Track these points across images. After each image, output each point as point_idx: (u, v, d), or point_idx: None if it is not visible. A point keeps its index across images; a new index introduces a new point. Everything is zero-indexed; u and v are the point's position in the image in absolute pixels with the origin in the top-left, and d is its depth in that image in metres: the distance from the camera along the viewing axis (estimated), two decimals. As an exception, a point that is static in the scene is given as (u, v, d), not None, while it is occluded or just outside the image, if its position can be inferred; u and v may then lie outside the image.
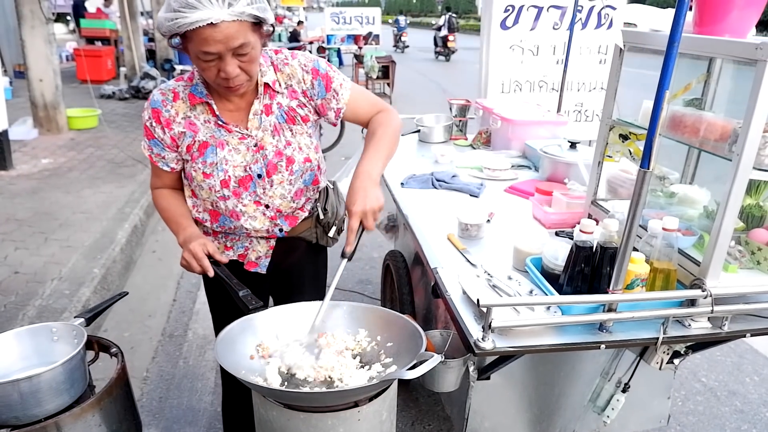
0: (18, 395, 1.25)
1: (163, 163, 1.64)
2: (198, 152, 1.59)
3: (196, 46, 1.36)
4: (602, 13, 4.40)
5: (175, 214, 1.68)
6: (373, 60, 10.84)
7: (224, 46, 1.35)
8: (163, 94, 1.59)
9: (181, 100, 1.58)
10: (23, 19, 6.28)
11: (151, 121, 1.59)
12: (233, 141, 1.59)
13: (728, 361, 3.12)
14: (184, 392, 2.78)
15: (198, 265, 1.57)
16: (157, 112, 1.58)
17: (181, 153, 1.62)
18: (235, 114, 1.60)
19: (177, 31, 1.34)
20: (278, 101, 1.60)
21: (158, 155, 1.63)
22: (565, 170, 2.50)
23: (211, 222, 1.71)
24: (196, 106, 1.58)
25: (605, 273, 1.50)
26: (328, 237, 1.84)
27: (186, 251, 1.58)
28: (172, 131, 1.58)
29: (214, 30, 1.32)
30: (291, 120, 1.62)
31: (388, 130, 1.61)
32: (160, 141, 1.60)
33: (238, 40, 1.36)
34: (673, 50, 1.25)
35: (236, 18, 1.33)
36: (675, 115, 1.70)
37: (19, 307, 3.05)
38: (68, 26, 15.67)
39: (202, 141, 1.58)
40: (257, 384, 1.24)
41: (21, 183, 5.06)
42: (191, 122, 1.58)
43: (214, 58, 1.38)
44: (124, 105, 9.07)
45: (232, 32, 1.34)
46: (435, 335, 1.95)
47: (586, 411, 2.01)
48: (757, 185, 1.68)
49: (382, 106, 1.71)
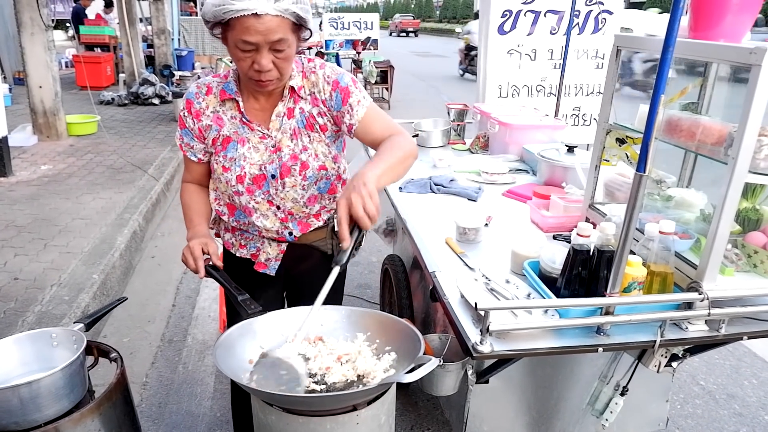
0: (18, 400, 1.25)
1: (191, 153, 1.72)
2: (221, 146, 1.66)
3: (237, 34, 1.41)
4: (599, 18, 4.43)
5: (191, 211, 1.76)
6: (371, 65, 10.87)
7: (263, 38, 1.40)
8: (198, 87, 1.68)
9: (213, 95, 1.66)
10: (23, 27, 6.30)
11: (184, 111, 1.68)
12: (254, 139, 1.64)
13: (727, 364, 3.12)
14: (183, 397, 2.77)
15: (193, 263, 1.62)
16: (189, 103, 1.67)
17: (207, 145, 1.69)
18: (259, 113, 1.65)
19: (222, 17, 1.40)
20: (301, 106, 1.64)
21: (188, 144, 1.71)
22: (563, 174, 2.51)
23: (229, 216, 1.76)
24: (225, 102, 1.65)
25: (603, 276, 1.51)
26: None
27: (187, 247, 1.65)
28: (201, 123, 1.66)
29: (257, 21, 1.38)
30: (310, 127, 1.65)
31: (396, 148, 1.52)
32: (190, 131, 1.69)
33: (278, 35, 1.41)
34: (668, 55, 1.26)
35: (280, 13, 1.39)
36: (671, 119, 1.72)
37: (18, 313, 3.05)
38: (67, 33, 15.71)
39: (225, 136, 1.65)
40: (255, 388, 1.25)
41: (20, 189, 5.06)
42: (219, 116, 1.65)
43: (251, 48, 1.43)
44: (124, 111, 9.08)
45: (273, 26, 1.40)
46: (433, 339, 1.96)
47: (585, 414, 2.01)
48: (753, 188, 1.69)
49: (397, 130, 1.62)
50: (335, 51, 14.63)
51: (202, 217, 1.76)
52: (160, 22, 11.43)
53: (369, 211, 1.29)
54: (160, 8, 11.33)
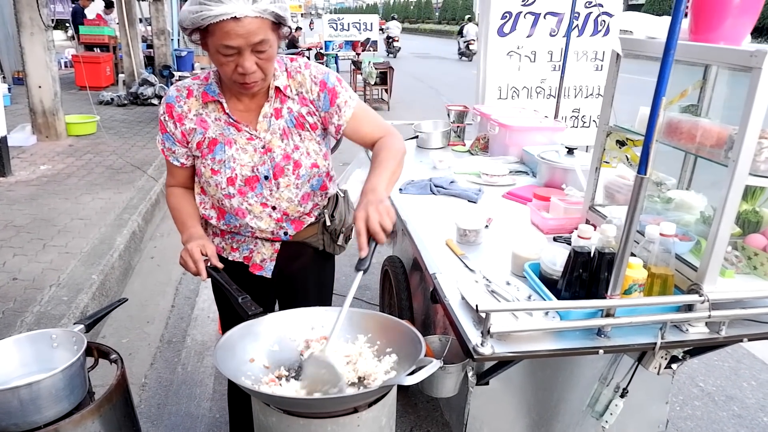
0: (18, 402, 1.25)
1: (173, 158, 1.69)
2: (208, 149, 1.63)
3: (218, 39, 1.40)
4: (599, 20, 4.43)
5: (183, 214, 1.73)
6: (371, 66, 10.87)
7: (245, 41, 1.39)
8: (178, 91, 1.64)
9: (195, 98, 1.63)
10: (23, 27, 6.29)
11: (164, 116, 1.64)
12: (241, 140, 1.62)
13: (726, 365, 3.12)
14: (182, 399, 2.77)
15: (193, 266, 1.60)
16: (170, 107, 1.63)
17: (191, 149, 1.66)
18: (244, 114, 1.63)
19: (201, 23, 1.38)
20: (289, 106, 1.63)
21: (169, 149, 1.68)
22: (563, 176, 2.51)
23: (217, 219, 1.74)
24: (208, 104, 1.62)
25: (603, 278, 1.51)
26: (336, 245, 1.86)
27: (184, 250, 1.62)
28: (184, 127, 1.63)
29: (237, 24, 1.36)
30: (300, 126, 1.64)
31: (392, 152, 1.61)
32: (171, 135, 1.65)
33: (258, 36, 1.40)
34: (669, 57, 1.26)
35: (259, 14, 1.38)
36: (672, 121, 1.72)
37: (17, 313, 3.05)
38: (67, 33, 15.69)
39: (211, 138, 1.62)
40: (257, 390, 1.25)
41: (19, 189, 5.06)
42: (202, 119, 1.62)
43: (233, 52, 1.42)
44: (123, 111, 9.07)
45: (253, 28, 1.38)
46: (434, 341, 1.96)
47: (585, 416, 2.01)
48: (753, 191, 1.69)
49: (386, 130, 1.70)
50: (335, 52, 14.62)
51: (194, 219, 1.73)
52: (160, 23, 11.43)
53: (386, 227, 1.37)
54: (160, 9, 11.34)
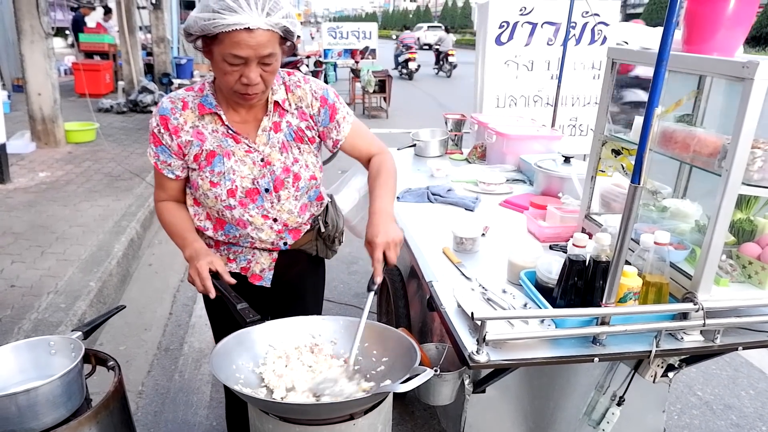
0: (16, 408, 1.25)
1: (168, 171, 1.65)
2: (206, 161, 1.60)
3: (226, 48, 1.39)
4: (595, 30, 4.47)
5: (181, 229, 1.68)
6: (369, 74, 10.92)
7: (254, 52, 1.40)
8: (172, 102, 1.61)
9: (190, 110, 1.60)
10: (23, 34, 6.32)
11: (159, 128, 1.60)
12: (239, 152, 1.61)
13: (724, 374, 3.13)
14: (179, 406, 2.77)
15: (200, 285, 1.56)
16: (165, 119, 1.59)
17: (188, 161, 1.63)
18: (242, 126, 1.62)
19: (211, 31, 1.37)
20: (287, 120, 1.64)
21: (164, 162, 1.63)
22: (559, 184, 2.52)
23: (214, 230, 1.72)
24: (204, 116, 1.60)
25: (598, 286, 1.52)
26: (328, 250, 1.89)
27: (192, 268, 1.57)
28: (180, 139, 1.60)
29: (249, 35, 1.37)
30: (299, 139, 1.66)
31: (390, 173, 1.71)
32: (167, 147, 1.61)
33: (268, 49, 1.41)
34: (661, 68, 1.28)
35: (271, 28, 1.39)
36: (666, 130, 1.73)
37: (14, 320, 3.04)
38: (67, 40, 15.74)
39: (209, 150, 1.60)
40: (252, 396, 1.25)
41: (18, 196, 5.06)
42: (199, 131, 1.60)
43: (240, 63, 1.42)
44: (122, 119, 9.09)
45: (264, 40, 1.39)
46: (430, 348, 1.96)
47: (581, 424, 2.01)
48: (748, 200, 1.70)
49: (378, 147, 1.79)
50: (333, 60, 14.68)
51: (194, 233, 1.68)
52: (160, 31, 11.48)
53: (396, 256, 1.53)
54: (160, 17, 11.39)
